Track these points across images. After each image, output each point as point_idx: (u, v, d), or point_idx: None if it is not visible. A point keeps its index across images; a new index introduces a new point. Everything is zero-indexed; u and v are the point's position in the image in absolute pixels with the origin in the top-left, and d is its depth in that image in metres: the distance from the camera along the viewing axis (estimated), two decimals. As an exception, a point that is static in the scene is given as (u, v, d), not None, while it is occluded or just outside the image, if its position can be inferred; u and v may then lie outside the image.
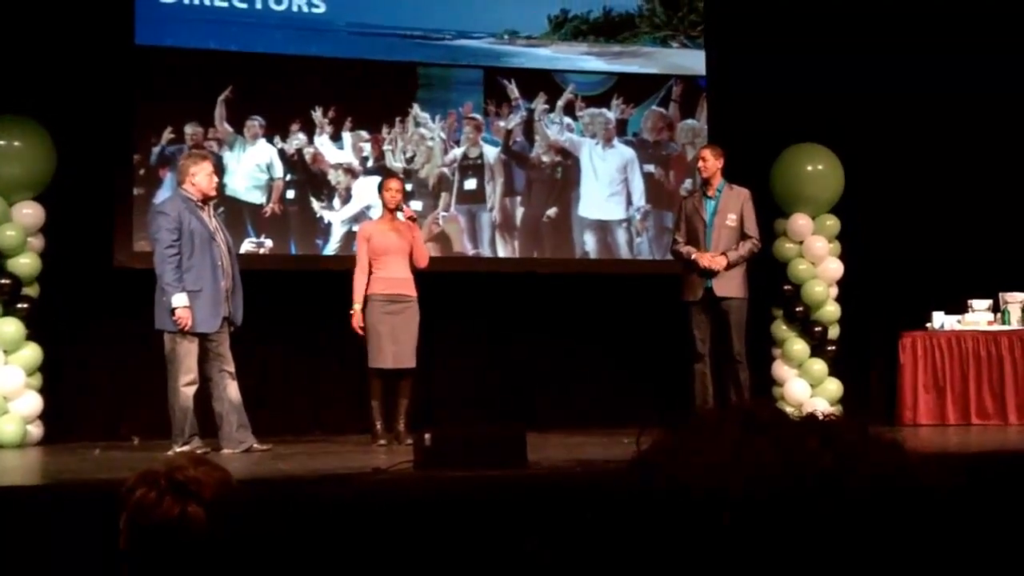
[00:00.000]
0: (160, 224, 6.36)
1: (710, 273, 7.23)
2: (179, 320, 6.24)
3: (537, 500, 4.22)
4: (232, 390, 6.45)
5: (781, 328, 8.51)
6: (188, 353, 6.32)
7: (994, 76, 9.01)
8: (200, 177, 6.46)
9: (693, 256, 7.26)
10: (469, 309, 8.42)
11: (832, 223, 8.53)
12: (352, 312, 7.06)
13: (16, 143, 7.37)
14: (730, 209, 7.37)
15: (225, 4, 8.31)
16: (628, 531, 0.84)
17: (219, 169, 8.08)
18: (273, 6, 8.39)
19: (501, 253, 8.74)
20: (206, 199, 6.51)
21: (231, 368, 6.47)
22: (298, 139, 8.41)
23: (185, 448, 6.18)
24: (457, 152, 8.73)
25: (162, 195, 7.59)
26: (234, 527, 1.94)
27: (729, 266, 7.25)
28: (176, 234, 6.30)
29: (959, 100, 8.96)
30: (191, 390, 6.33)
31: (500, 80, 8.83)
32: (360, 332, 7.05)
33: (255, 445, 6.44)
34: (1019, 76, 8.99)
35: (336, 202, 8.46)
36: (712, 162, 7.39)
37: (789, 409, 7.47)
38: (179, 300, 6.25)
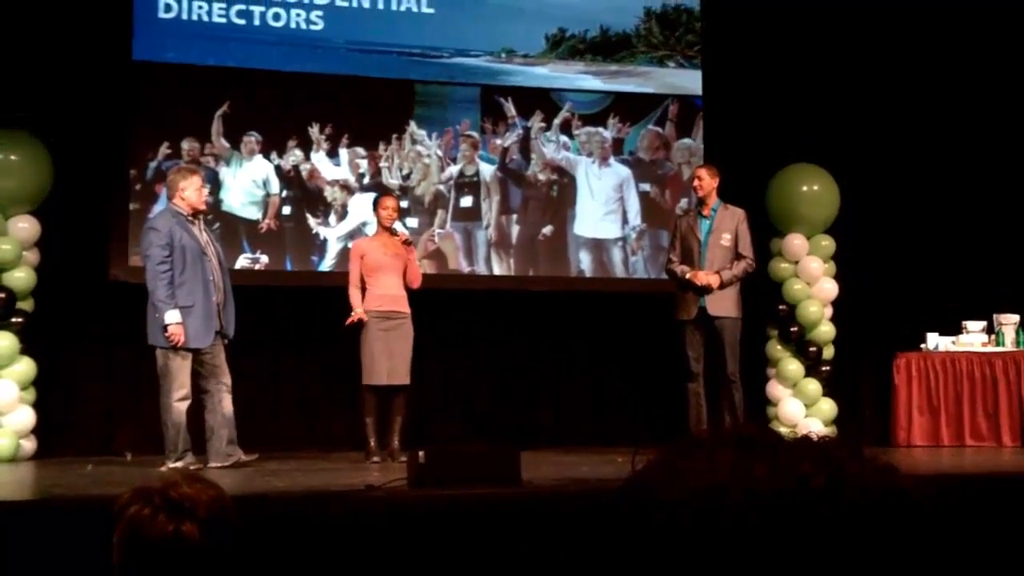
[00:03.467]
0: (151, 240, 6.35)
1: (704, 291, 7.24)
2: (172, 337, 6.23)
3: (531, 518, 4.22)
4: (227, 403, 6.44)
5: (776, 348, 8.51)
6: (180, 368, 6.32)
7: (988, 94, 9.04)
8: (189, 192, 6.46)
9: (688, 275, 7.27)
10: (464, 326, 8.42)
11: (827, 243, 8.54)
12: (354, 314, 7.04)
13: (12, 157, 7.37)
14: (725, 228, 7.39)
15: (223, 20, 8.33)
16: (622, 552, 0.84)
17: (215, 185, 8.11)
18: (271, 23, 8.42)
19: (496, 271, 8.75)
20: (196, 213, 6.52)
21: (228, 381, 6.46)
22: (295, 155, 8.42)
23: (178, 464, 6.17)
24: (453, 170, 8.74)
25: (158, 210, 7.59)
26: (228, 544, 1.94)
27: (723, 285, 7.26)
28: (167, 250, 6.30)
29: (955, 121, 8.99)
30: (183, 405, 6.32)
31: (497, 98, 8.85)
32: (361, 318, 7.02)
33: (242, 457, 6.42)
34: (1013, 96, 9.03)
35: (332, 218, 8.46)
36: (708, 181, 7.41)
37: (783, 429, 7.47)
38: (172, 317, 6.24)
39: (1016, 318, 8.46)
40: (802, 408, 8.35)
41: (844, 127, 8.91)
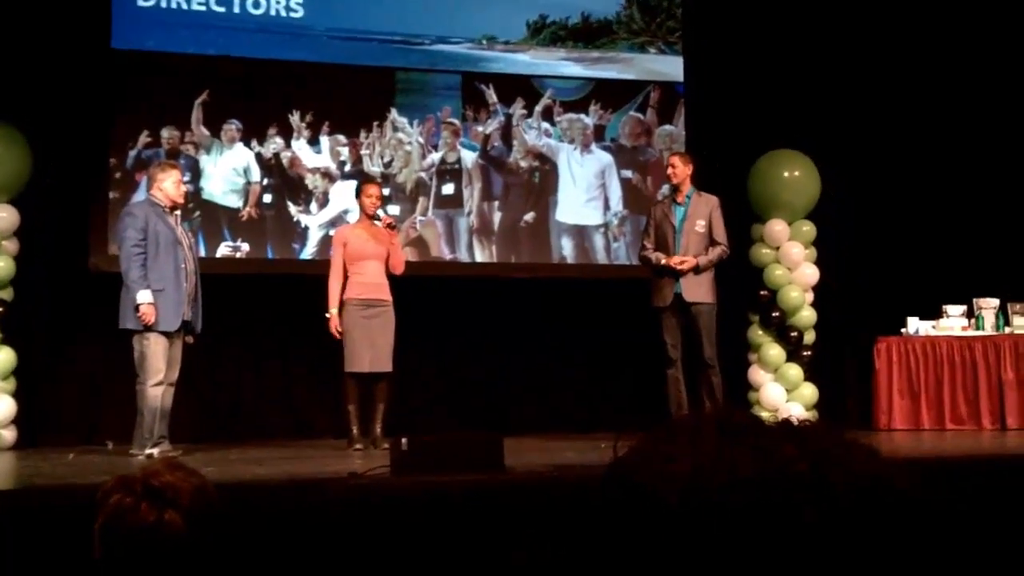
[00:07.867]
0: (127, 223, 6.44)
1: (679, 275, 7.26)
2: (143, 316, 6.26)
3: (514, 505, 4.22)
4: (167, 397, 6.44)
5: (757, 333, 8.53)
6: (156, 354, 6.33)
7: (967, 79, 9.07)
8: (167, 184, 6.53)
9: (663, 261, 7.30)
10: (446, 313, 8.41)
11: (808, 229, 8.56)
12: (328, 317, 7.04)
13: (-9, 146, 7.32)
14: (699, 215, 7.41)
15: (203, 8, 8.28)
16: (605, 539, 0.85)
17: (196, 173, 8.08)
18: (251, 10, 8.37)
19: (478, 258, 8.74)
20: (174, 206, 6.56)
21: (175, 377, 6.48)
22: (275, 143, 8.38)
23: (155, 451, 6.18)
24: (435, 157, 8.72)
25: (137, 199, 7.57)
26: (211, 533, 1.93)
27: (698, 269, 7.28)
28: (142, 234, 6.37)
29: (934, 107, 9.02)
30: (159, 391, 6.34)
31: (478, 85, 8.84)
32: (338, 336, 7.02)
33: (167, 452, 6.25)
34: (992, 81, 9.06)
35: (313, 206, 8.44)
36: (682, 169, 7.43)
37: (765, 414, 7.51)
38: (143, 297, 6.29)
39: (995, 302, 8.51)
40: (783, 393, 8.38)
41: (825, 113, 8.93)
